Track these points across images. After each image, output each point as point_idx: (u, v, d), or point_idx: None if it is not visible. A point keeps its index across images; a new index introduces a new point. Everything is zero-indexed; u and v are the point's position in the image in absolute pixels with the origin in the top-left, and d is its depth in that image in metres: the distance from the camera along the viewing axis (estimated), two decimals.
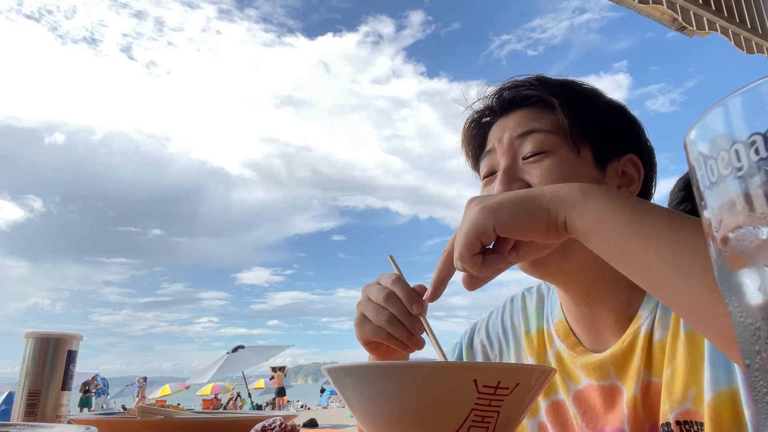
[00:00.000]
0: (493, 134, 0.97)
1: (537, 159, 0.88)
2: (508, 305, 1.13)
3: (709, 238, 0.28)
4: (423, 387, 0.54)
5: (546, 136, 0.89)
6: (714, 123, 0.27)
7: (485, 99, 1.00)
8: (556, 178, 0.85)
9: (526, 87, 0.94)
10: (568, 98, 0.92)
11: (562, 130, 0.89)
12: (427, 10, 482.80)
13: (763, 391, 0.26)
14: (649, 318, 0.85)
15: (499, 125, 0.96)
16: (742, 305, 0.27)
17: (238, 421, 0.93)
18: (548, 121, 0.91)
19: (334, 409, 27.43)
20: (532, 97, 0.93)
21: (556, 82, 0.95)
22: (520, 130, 0.91)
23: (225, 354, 17.98)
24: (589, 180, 0.87)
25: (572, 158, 0.88)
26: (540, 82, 0.95)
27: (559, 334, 0.98)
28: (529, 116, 0.93)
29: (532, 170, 0.88)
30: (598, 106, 0.95)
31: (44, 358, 0.99)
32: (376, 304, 0.83)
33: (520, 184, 0.87)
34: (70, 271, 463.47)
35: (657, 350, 0.83)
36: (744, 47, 3.86)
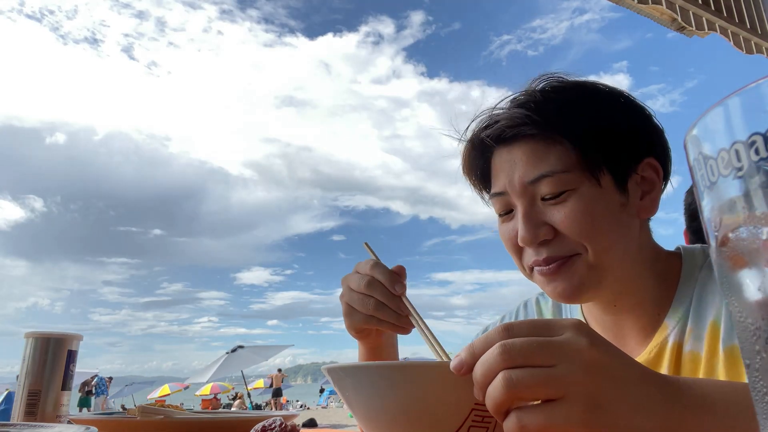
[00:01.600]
0: (499, 169, 0.90)
1: (558, 200, 0.83)
2: (521, 310, 1.11)
3: (709, 238, 0.28)
4: (423, 387, 0.54)
5: (560, 177, 0.83)
6: (714, 123, 0.27)
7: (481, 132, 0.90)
8: (581, 220, 0.81)
9: (527, 125, 0.85)
10: (572, 128, 0.84)
11: (575, 164, 0.83)
12: (427, 10, 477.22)
13: (764, 391, 0.26)
14: (677, 327, 0.84)
15: (504, 159, 0.89)
16: (742, 305, 0.27)
17: (238, 421, 0.93)
18: (557, 155, 0.83)
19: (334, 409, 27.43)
20: (535, 136, 0.85)
21: (557, 105, 0.86)
22: (531, 175, 0.84)
23: (224, 354, 17.96)
24: (614, 208, 0.84)
25: (594, 192, 0.83)
26: (538, 112, 0.84)
27: None
28: (537, 153, 0.84)
29: (555, 213, 0.83)
30: (608, 120, 0.86)
31: (44, 358, 0.99)
32: (359, 293, 0.84)
33: (547, 228, 0.83)
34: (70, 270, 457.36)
35: (687, 362, 0.81)
36: (743, 47, 3.86)
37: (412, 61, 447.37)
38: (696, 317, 0.82)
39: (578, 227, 0.82)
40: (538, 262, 0.85)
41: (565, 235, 0.83)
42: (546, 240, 0.84)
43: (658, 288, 0.88)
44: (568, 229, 0.82)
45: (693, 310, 0.83)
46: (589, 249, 0.82)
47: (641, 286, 0.88)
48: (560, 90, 0.88)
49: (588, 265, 0.83)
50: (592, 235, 0.82)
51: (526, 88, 0.90)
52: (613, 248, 0.83)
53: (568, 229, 0.82)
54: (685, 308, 0.84)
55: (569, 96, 0.88)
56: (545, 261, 0.84)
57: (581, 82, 0.91)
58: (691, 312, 0.83)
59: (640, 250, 0.87)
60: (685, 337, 0.83)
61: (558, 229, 0.83)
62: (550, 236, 0.84)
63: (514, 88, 0.93)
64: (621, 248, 0.84)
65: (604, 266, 0.83)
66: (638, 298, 0.88)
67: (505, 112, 0.88)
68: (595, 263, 0.83)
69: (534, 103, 0.86)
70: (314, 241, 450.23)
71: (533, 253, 0.85)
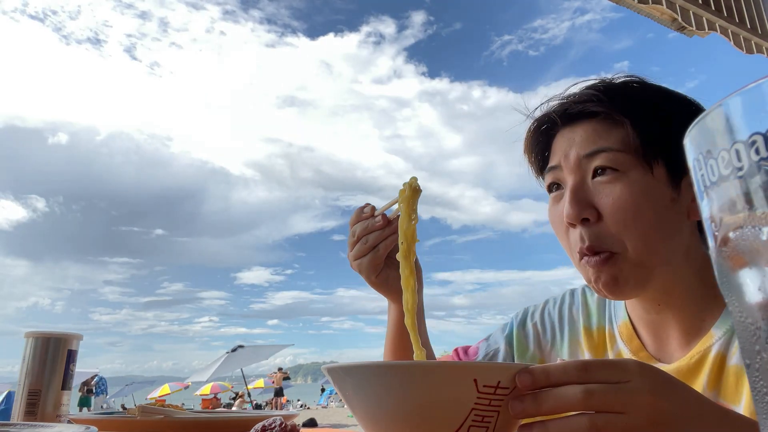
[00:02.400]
0: (558, 146, 0.92)
1: (608, 180, 0.84)
2: (568, 296, 1.11)
3: (710, 237, 0.28)
4: (423, 387, 0.54)
5: (616, 155, 0.84)
6: (714, 123, 0.27)
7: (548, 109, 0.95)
8: (628, 208, 0.81)
9: (593, 102, 0.88)
10: (638, 113, 0.85)
11: (633, 147, 0.84)
12: (428, 10, 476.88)
13: (764, 391, 0.26)
14: (723, 339, 0.82)
15: (565, 137, 0.91)
16: (742, 305, 0.27)
17: (238, 421, 0.93)
18: (618, 137, 0.85)
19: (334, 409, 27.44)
20: (600, 113, 0.87)
21: (624, 92, 0.89)
22: (588, 149, 0.86)
23: (225, 353, 17.96)
24: (662, 202, 0.83)
25: (646, 180, 0.83)
26: (607, 93, 0.88)
27: (623, 336, 0.96)
28: (597, 131, 0.87)
29: (603, 195, 0.84)
30: (671, 116, 0.87)
31: (44, 357, 0.99)
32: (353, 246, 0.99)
33: (590, 210, 0.84)
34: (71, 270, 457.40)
35: (731, 375, 0.80)
36: (743, 47, 3.86)
37: (413, 61, 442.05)
38: None
39: (622, 216, 0.81)
40: (583, 250, 0.84)
41: (606, 223, 0.83)
42: (588, 221, 0.84)
43: (706, 294, 0.86)
44: (612, 216, 0.82)
45: None
46: (629, 246, 0.82)
47: (687, 290, 0.86)
48: (635, 84, 0.91)
49: (629, 262, 0.82)
50: (633, 225, 0.81)
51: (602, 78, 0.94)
52: (655, 244, 0.82)
53: (611, 215, 0.82)
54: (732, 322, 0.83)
55: (641, 89, 0.90)
56: (589, 249, 0.84)
57: (659, 85, 0.92)
58: None
59: (687, 253, 0.86)
60: (730, 350, 0.81)
61: (602, 211, 0.83)
62: (593, 218, 0.83)
63: (516, 88, 0.95)
64: (663, 246, 0.83)
65: (647, 264, 0.82)
66: (683, 300, 0.87)
67: (573, 93, 0.92)
68: (637, 260, 0.82)
69: (605, 86, 0.90)
70: (315, 240, 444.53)
71: (578, 237, 0.85)
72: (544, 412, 0.54)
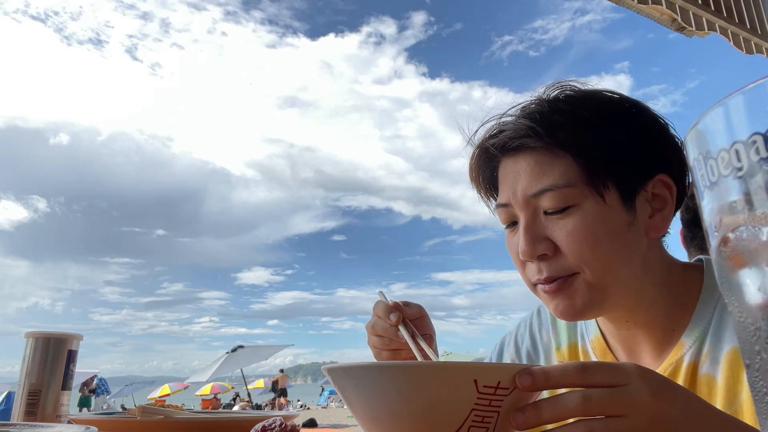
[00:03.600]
0: (504, 179, 0.89)
1: (560, 216, 0.82)
2: (535, 318, 1.09)
3: (710, 238, 0.28)
4: (423, 387, 0.54)
5: (563, 192, 0.81)
6: (714, 123, 0.27)
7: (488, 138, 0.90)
8: (585, 239, 0.80)
9: (530, 137, 0.83)
10: (578, 143, 0.82)
11: (580, 180, 0.81)
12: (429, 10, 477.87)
13: (764, 391, 0.26)
14: (693, 347, 0.81)
15: (509, 169, 0.88)
16: (742, 305, 0.27)
17: (238, 421, 0.93)
18: (562, 169, 0.82)
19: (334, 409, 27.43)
20: (539, 148, 0.84)
21: (564, 116, 0.83)
22: (534, 188, 0.83)
23: (225, 354, 17.95)
24: (619, 228, 0.81)
25: (598, 209, 0.81)
26: (542, 124, 0.83)
27: (596, 352, 0.95)
28: (540, 164, 0.83)
29: (557, 229, 0.82)
30: (617, 133, 0.83)
31: (44, 357, 0.99)
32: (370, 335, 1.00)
33: (547, 243, 0.82)
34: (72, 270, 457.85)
35: (703, 384, 0.79)
36: (743, 47, 3.86)
37: (413, 61, 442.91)
38: (715, 339, 0.80)
39: (578, 246, 0.80)
40: (540, 281, 0.84)
41: (564, 255, 0.81)
42: (545, 255, 0.83)
43: (673, 304, 0.86)
44: (568, 247, 0.81)
45: (712, 332, 0.81)
46: (586, 269, 0.81)
47: (653, 304, 0.85)
48: (570, 100, 0.86)
49: (588, 284, 0.81)
50: (591, 255, 0.80)
51: (537, 96, 0.89)
52: (614, 270, 0.81)
53: (568, 247, 0.81)
54: (703, 328, 0.81)
55: (578, 107, 0.85)
56: (546, 280, 0.83)
57: (594, 92, 0.88)
58: (710, 333, 0.80)
59: (645, 269, 0.84)
60: (701, 358, 0.80)
61: (558, 245, 0.82)
62: (550, 252, 0.82)
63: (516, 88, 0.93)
64: (623, 270, 0.82)
65: (604, 287, 0.81)
66: (651, 314, 0.86)
67: (512, 122, 0.87)
68: (595, 283, 0.81)
69: (540, 114, 0.84)
70: (315, 241, 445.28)
71: (535, 269, 0.84)
72: (544, 421, 0.53)
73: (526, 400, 0.56)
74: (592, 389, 0.53)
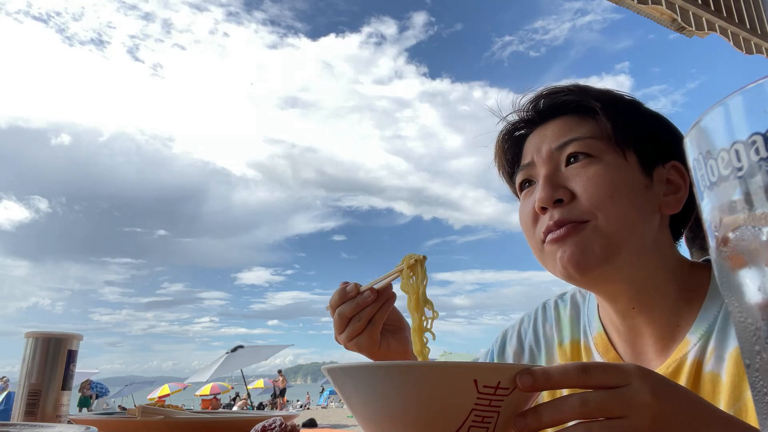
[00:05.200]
0: (529, 146, 0.93)
1: (582, 164, 0.85)
2: (540, 313, 1.09)
3: (710, 238, 0.28)
4: (423, 387, 0.54)
5: (588, 141, 0.86)
6: (714, 123, 0.27)
7: (520, 110, 0.96)
8: (603, 185, 0.82)
9: (565, 93, 0.90)
10: (609, 103, 0.88)
11: (605, 135, 0.86)
12: (429, 11, 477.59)
13: (764, 391, 0.26)
14: (698, 344, 0.81)
15: (536, 136, 0.92)
16: (742, 305, 0.27)
17: (238, 421, 0.93)
18: (589, 127, 0.87)
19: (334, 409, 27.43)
20: (571, 103, 0.90)
21: (595, 89, 0.92)
22: (559, 141, 0.88)
23: (224, 354, 17.95)
24: (637, 185, 0.84)
25: (619, 163, 0.85)
26: (579, 88, 0.91)
27: (598, 348, 0.95)
28: (569, 125, 0.89)
29: (577, 176, 0.84)
30: (639, 112, 0.91)
31: (44, 357, 0.99)
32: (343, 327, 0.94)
33: (565, 191, 0.84)
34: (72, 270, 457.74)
35: (707, 382, 0.79)
36: (743, 47, 3.86)
37: (414, 61, 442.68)
38: (720, 337, 0.79)
39: (596, 190, 0.82)
40: (549, 227, 0.84)
41: (580, 200, 0.83)
42: (561, 202, 0.83)
43: (680, 299, 0.86)
44: (586, 192, 0.82)
45: (718, 330, 0.80)
46: (600, 215, 0.81)
47: (659, 291, 0.85)
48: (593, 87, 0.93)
49: (599, 232, 0.81)
50: (608, 201, 0.81)
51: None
52: (628, 222, 0.82)
53: (586, 192, 0.82)
54: (708, 326, 0.81)
55: (605, 89, 0.92)
56: (556, 224, 0.83)
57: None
58: (716, 331, 0.80)
59: (656, 247, 0.85)
60: (706, 356, 0.80)
61: (576, 192, 0.83)
62: (567, 198, 0.83)
63: (516, 89, 0.95)
64: (635, 226, 0.83)
65: (616, 238, 0.81)
66: (657, 303, 0.86)
67: (545, 88, 0.93)
68: (608, 230, 0.81)
69: (573, 85, 0.92)
70: (315, 241, 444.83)
71: (547, 218, 0.85)
72: (545, 425, 0.54)
73: (526, 401, 0.56)
74: (591, 392, 0.53)
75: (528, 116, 0.95)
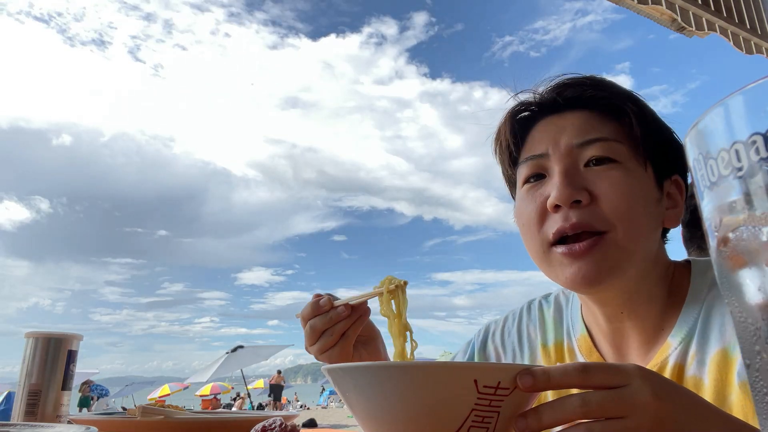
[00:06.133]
0: (542, 134, 0.87)
1: (604, 168, 0.80)
2: (525, 313, 1.07)
3: (710, 238, 0.28)
4: (423, 387, 0.54)
5: (613, 145, 0.81)
6: (714, 123, 0.27)
7: (537, 93, 0.91)
8: (624, 192, 0.79)
9: (594, 87, 0.85)
10: (639, 107, 0.84)
11: (630, 140, 0.82)
12: (430, 11, 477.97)
13: (764, 391, 0.26)
14: (679, 348, 0.80)
15: (552, 125, 0.87)
16: (742, 305, 0.27)
17: (238, 421, 0.93)
18: (613, 128, 0.83)
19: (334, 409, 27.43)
20: (599, 99, 0.85)
21: (621, 88, 0.87)
22: (582, 137, 0.82)
23: (224, 354, 17.95)
24: (651, 198, 0.83)
25: (640, 172, 0.82)
26: (604, 82, 0.87)
27: (582, 350, 0.93)
28: (591, 121, 0.84)
29: (598, 179, 0.80)
30: (657, 120, 0.88)
31: (44, 357, 0.99)
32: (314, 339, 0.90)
33: (584, 192, 0.80)
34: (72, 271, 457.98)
35: (690, 387, 0.78)
36: (743, 47, 3.86)
37: (414, 62, 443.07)
38: (701, 341, 0.79)
39: (618, 197, 0.79)
40: (564, 229, 0.79)
41: (600, 205, 0.79)
42: (579, 203, 0.79)
43: (665, 301, 0.85)
44: (608, 197, 0.79)
45: (699, 333, 0.80)
46: (619, 227, 0.78)
47: (650, 294, 0.85)
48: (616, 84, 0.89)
49: (616, 245, 0.79)
50: (628, 211, 0.79)
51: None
52: (640, 234, 0.80)
53: (607, 197, 0.79)
54: (689, 329, 0.81)
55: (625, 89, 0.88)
56: (573, 227, 0.79)
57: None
58: (696, 335, 0.80)
59: (657, 255, 0.85)
60: (687, 360, 0.80)
61: (597, 195, 0.79)
62: (586, 200, 0.79)
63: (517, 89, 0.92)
64: (647, 239, 0.82)
65: (628, 251, 0.79)
66: (646, 306, 0.85)
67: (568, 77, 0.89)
68: (624, 245, 0.79)
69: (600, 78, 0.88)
70: (315, 241, 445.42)
71: (560, 218, 0.80)
72: (546, 425, 0.53)
73: (526, 401, 0.56)
74: (592, 392, 0.53)
75: (548, 99, 0.88)
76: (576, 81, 0.87)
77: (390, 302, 0.84)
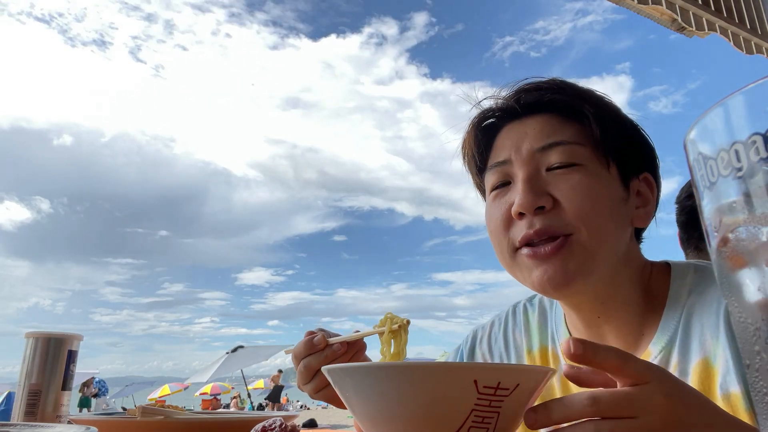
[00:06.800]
0: (504, 141, 0.87)
1: (565, 171, 0.81)
2: (510, 318, 1.07)
3: (709, 238, 0.28)
4: (423, 387, 0.54)
5: (574, 148, 0.82)
6: (714, 123, 0.27)
7: (498, 99, 0.90)
8: (586, 194, 0.79)
9: (553, 91, 0.85)
10: (598, 107, 0.84)
11: (591, 142, 0.82)
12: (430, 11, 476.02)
13: (764, 391, 0.26)
14: (660, 356, 0.79)
15: (514, 131, 0.87)
16: (742, 305, 0.27)
17: (238, 421, 0.93)
18: (573, 131, 0.83)
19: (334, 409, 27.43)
20: (558, 102, 0.85)
21: (579, 88, 0.87)
22: (543, 142, 0.83)
23: (225, 354, 17.95)
24: (616, 197, 0.82)
25: (602, 173, 0.82)
26: (563, 85, 0.87)
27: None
28: (552, 125, 0.84)
29: (560, 183, 0.80)
30: (620, 119, 0.88)
31: (45, 358, 0.99)
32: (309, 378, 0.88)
33: (547, 197, 0.80)
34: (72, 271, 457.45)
35: None
36: (743, 47, 3.86)
37: (414, 62, 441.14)
38: (682, 350, 0.78)
39: (581, 200, 0.79)
40: (529, 236, 0.80)
41: (563, 209, 0.79)
42: (543, 209, 0.80)
43: (643, 306, 0.85)
44: (571, 201, 0.79)
45: (680, 342, 0.79)
46: (583, 228, 0.78)
47: (625, 298, 0.84)
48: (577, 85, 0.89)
49: (582, 246, 0.79)
50: (592, 213, 0.79)
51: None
52: (608, 235, 0.80)
53: (570, 201, 0.79)
54: (669, 337, 0.80)
55: (587, 89, 0.88)
56: (537, 233, 0.79)
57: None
58: (678, 343, 0.79)
59: (627, 256, 0.84)
60: (669, 369, 0.78)
61: (559, 199, 0.80)
62: (549, 205, 0.80)
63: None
64: (614, 240, 0.81)
65: (593, 251, 0.79)
66: (622, 313, 0.84)
67: (526, 82, 0.89)
68: (589, 246, 0.79)
69: (559, 81, 0.88)
70: (316, 241, 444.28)
71: (525, 225, 0.81)
72: (555, 421, 0.53)
73: (527, 401, 0.56)
74: (602, 390, 0.52)
75: (508, 106, 0.88)
76: (535, 86, 0.87)
77: (390, 342, 0.82)
